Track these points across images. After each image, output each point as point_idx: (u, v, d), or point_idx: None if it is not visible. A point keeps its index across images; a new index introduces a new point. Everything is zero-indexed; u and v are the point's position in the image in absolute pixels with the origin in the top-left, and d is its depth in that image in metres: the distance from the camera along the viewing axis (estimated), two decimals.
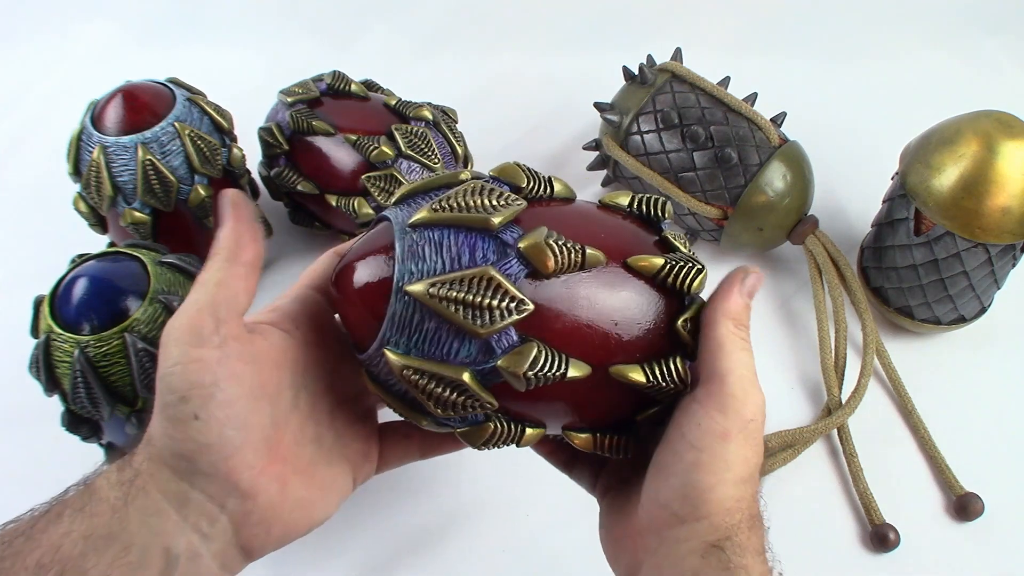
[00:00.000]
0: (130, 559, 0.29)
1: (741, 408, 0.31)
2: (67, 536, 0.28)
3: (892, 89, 0.79)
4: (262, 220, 0.63)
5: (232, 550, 0.31)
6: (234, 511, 0.30)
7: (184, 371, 0.29)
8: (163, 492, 0.30)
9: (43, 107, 0.80)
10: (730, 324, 0.32)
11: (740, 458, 0.31)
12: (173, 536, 0.29)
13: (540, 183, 0.33)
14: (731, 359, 0.31)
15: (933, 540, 0.51)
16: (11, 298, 0.54)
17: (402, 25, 0.85)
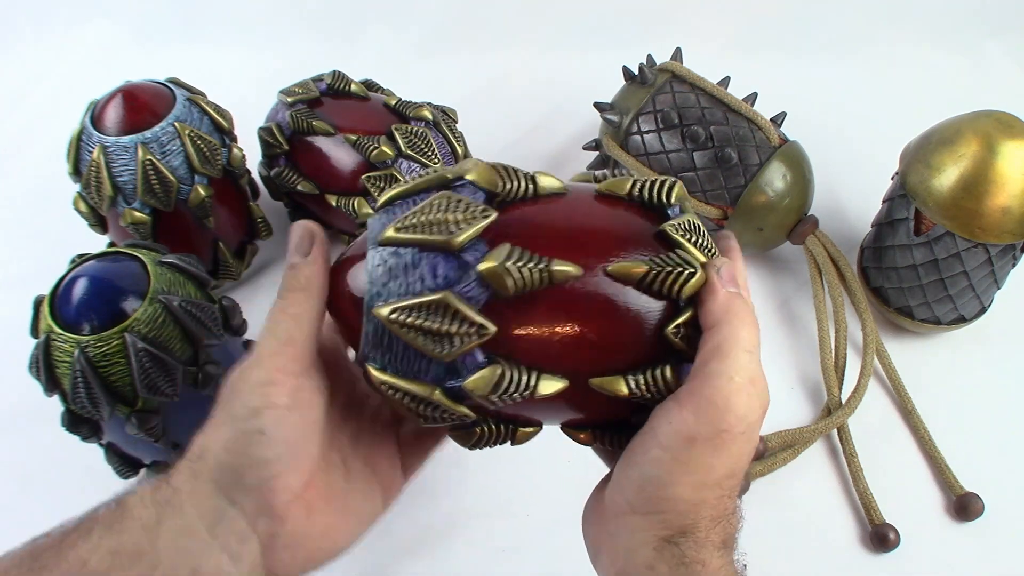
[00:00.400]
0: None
1: (717, 416, 0.29)
2: (95, 552, 0.29)
3: (892, 89, 0.79)
4: (262, 220, 0.63)
5: (260, 573, 0.31)
6: (263, 533, 0.31)
7: (265, 392, 0.30)
8: (199, 510, 0.30)
9: (43, 107, 0.80)
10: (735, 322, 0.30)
11: (703, 464, 0.29)
12: (202, 556, 0.30)
13: (519, 183, 0.31)
14: (723, 364, 0.29)
15: (933, 540, 0.51)
16: (11, 298, 0.54)
17: (402, 25, 0.85)
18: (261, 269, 0.66)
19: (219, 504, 0.30)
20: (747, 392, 0.29)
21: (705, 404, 0.29)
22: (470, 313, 0.28)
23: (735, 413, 0.29)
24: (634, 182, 0.32)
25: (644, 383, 0.30)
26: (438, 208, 0.29)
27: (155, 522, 0.30)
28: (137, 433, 0.45)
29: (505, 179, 0.30)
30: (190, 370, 0.46)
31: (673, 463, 0.29)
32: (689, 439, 0.29)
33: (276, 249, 0.67)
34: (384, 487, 0.36)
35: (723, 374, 0.29)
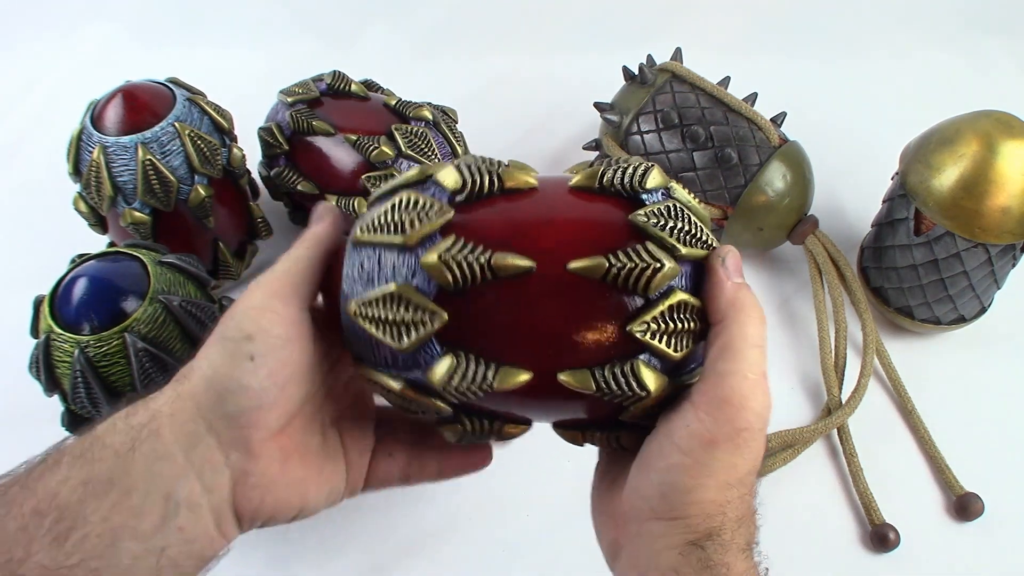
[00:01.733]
0: (131, 503, 0.28)
1: (735, 415, 0.29)
2: (65, 483, 0.28)
3: (892, 89, 0.79)
4: (262, 220, 0.63)
5: (227, 510, 0.31)
6: (236, 467, 0.31)
7: (260, 315, 0.30)
8: (176, 433, 0.30)
9: (43, 107, 0.80)
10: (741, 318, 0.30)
11: (726, 464, 0.29)
12: (176, 481, 0.29)
13: (482, 180, 0.30)
14: (734, 360, 0.29)
15: (933, 540, 0.51)
16: (11, 298, 0.54)
17: (402, 25, 0.85)
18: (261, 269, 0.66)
19: (197, 429, 0.30)
20: (761, 388, 0.29)
21: (722, 404, 0.28)
22: (423, 301, 0.29)
23: (753, 410, 0.29)
24: (603, 172, 0.31)
25: (613, 379, 0.29)
26: (400, 208, 0.30)
27: (129, 448, 0.29)
28: None
29: (469, 177, 0.31)
30: None
31: (696, 467, 0.29)
32: (710, 441, 0.29)
33: (276, 249, 0.66)
34: (348, 472, 0.36)
35: (736, 372, 0.29)
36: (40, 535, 0.28)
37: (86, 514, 0.28)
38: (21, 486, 0.29)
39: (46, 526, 0.28)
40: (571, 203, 0.31)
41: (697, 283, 0.31)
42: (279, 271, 0.33)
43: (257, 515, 0.32)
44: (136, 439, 0.29)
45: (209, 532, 0.30)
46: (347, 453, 0.36)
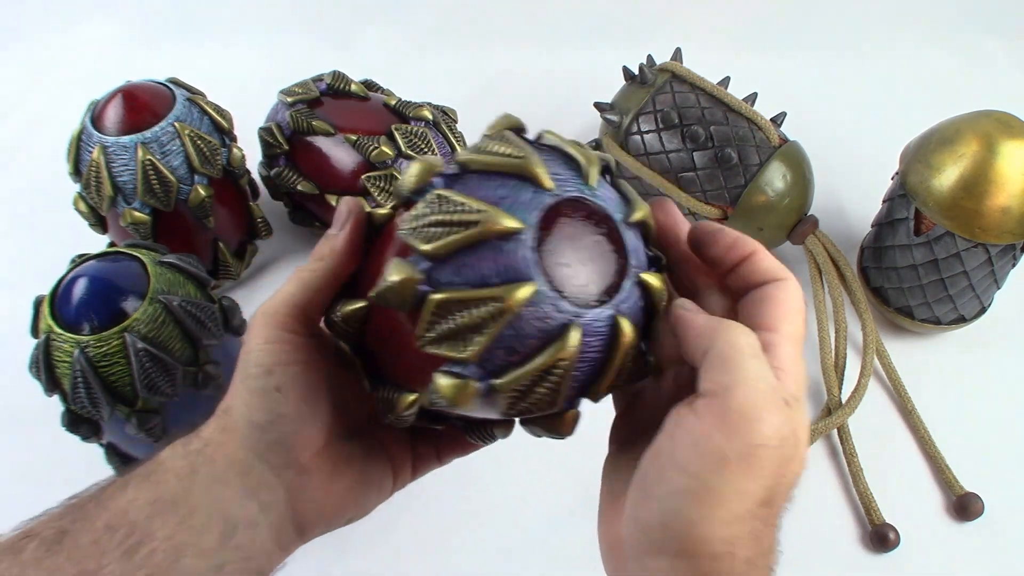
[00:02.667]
0: (193, 523, 0.30)
1: (749, 429, 0.25)
2: (134, 502, 0.30)
3: (892, 89, 0.79)
4: (262, 220, 0.63)
5: (287, 525, 0.33)
6: (290, 485, 0.32)
7: (272, 349, 0.31)
8: (229, 461, 0.31)
9: (43, 107, 0.80)
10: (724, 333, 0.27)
11: (737, 490, 0.25)
12: (233, 503, 0.31)
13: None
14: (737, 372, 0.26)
15: (933, 540, 0.51)
16: (11, 298, 0.54)
17: (402, 25, 0.85)
18: (261, 269, 0.66)
19: (247, 457, 0.32)
20: (772, 399, 0.26)
21: (733, 418, 0.25)
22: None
23: (771, 424, 0.25)
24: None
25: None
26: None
27: (189, 472, 0.31)
28: (137, 433, 0.45)
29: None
30: (190, 370, 0.46)
31: (704, 493, 0.25)
32: (720, 461, 0.25)
33: (276, 249, 0.67)
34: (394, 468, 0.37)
35: (743, 382, 0.26)
36: (111, 548, 0.29)
37: (153, 530, 0.30)
38: (96, 503, 0.31)
39: (117, 540, 0.29)
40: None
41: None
42: (283, 300, 0.32)
43: (315, 525, 0.34)
44: (195, 464, 0.31)
45: (267, 549, 0.32)
46: (388, 448, 0.37)
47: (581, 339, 0.26)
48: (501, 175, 0.27)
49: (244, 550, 0.31)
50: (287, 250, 0.67)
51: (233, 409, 0.32)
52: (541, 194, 0.27)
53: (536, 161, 0.27)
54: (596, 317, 0.27)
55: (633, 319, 0.28)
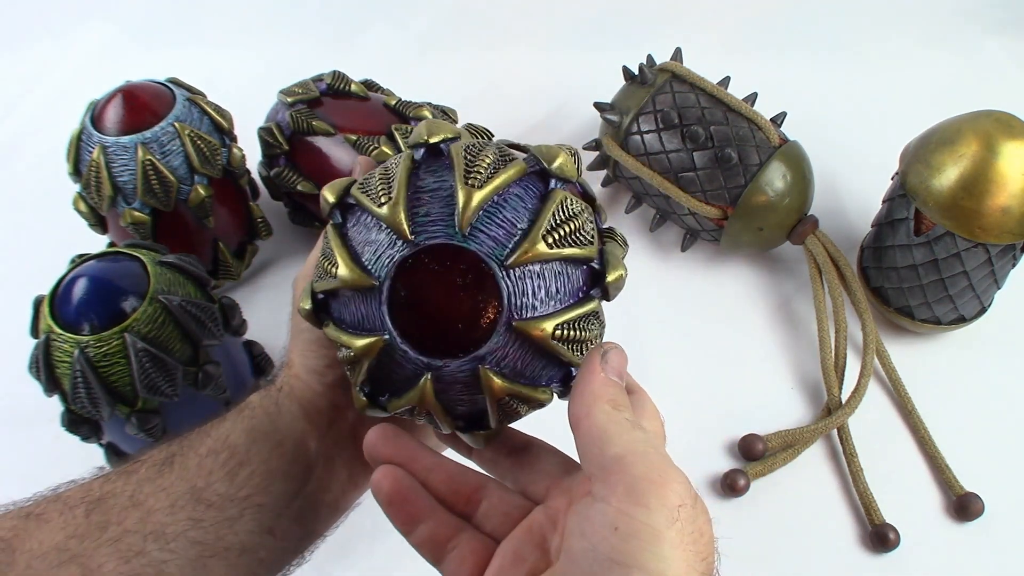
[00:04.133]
0: (283, 451, 0.34)
1: (661, 492, 0.23)
2: (232, 430, 0.34)
3: (892, 89, 0.79)
4: (262, 220, 0.63)
5: (358, 463, 0.36)
6: (354, 422, 0.36)
7: None
8: (301, 402, 0.35)
9: (43, 107, 0.80)
10: (605, 407, 0.26)
11: (681, 568, 0.23)
12: (312, 437, 0.35)
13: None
14: (622, 442, 0.25)
15: (933, 540, 0.51)
16: (11, 298, 0.54)
17: (402, 25, 0.85)
18: (261, 269, 0.66)
19: (315, 397, 0.36)
20: (667, 461, 0.25)
21: (641, 485, 0.24)
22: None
23: (680, 482, 0.24)
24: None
25: None
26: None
27: (275, 408, 0.35)
28: (137, 433, 0.46)
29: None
30: (190, 370, 0.46)
31: None
32: (652, 536, 0.23)
33: (276, 249, 0.67)
34: None
35: (635, 451, 0.25)
36: (216, 468, 0.33)
37: (251, 455, 0.33)
38: (199, 432, 0.34)
39: (220, 461, 0.33)
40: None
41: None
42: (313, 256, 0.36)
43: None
44: (279, 401, 0.35)
45: (342, 482, 0.36)
46: None
47: (434, 386, 0.28)
48: (377, 219, 0.28)
49: (324, 481, 0.35)
50: (287, 250, 0.67)
51: (294, 361, 0.36)
52: (399, 244, 0.27)
53: (395, 209, 0.27)
54: (457, 368, 0.27)
55: (513, 365, 0.27)
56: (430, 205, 0.27)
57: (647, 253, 0.66)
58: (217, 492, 0.32)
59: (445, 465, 0.31)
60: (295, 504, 0.34)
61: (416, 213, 0.27)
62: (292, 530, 0.34)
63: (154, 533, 0.31)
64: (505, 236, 0.27)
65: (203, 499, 0.32)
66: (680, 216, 0.62)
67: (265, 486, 0.33)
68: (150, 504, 0.31)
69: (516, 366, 0.28)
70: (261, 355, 0.56)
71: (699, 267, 0.65)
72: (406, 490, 0.30)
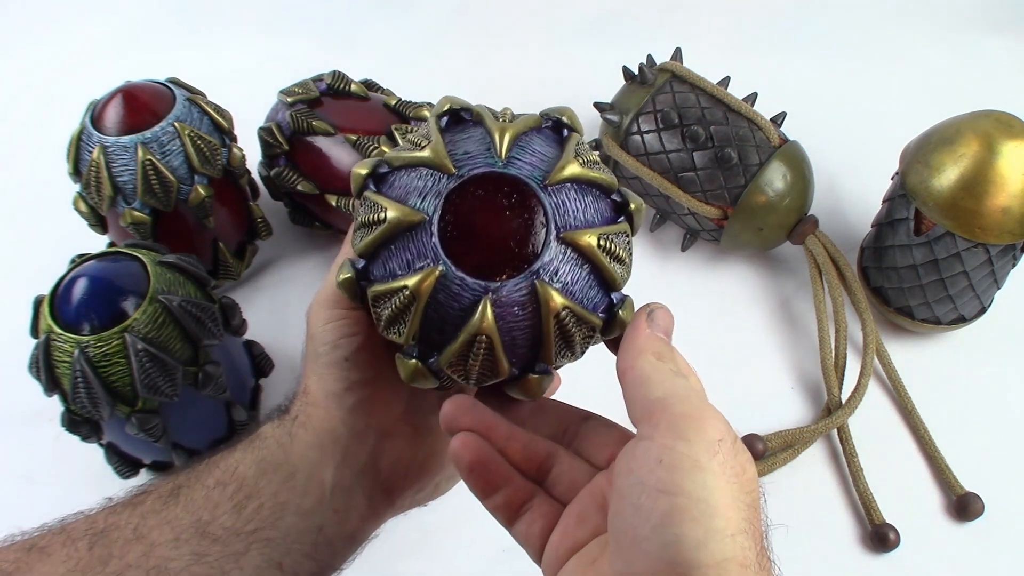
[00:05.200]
0: (295, 483, 0.33)
1: (702, 428, 0.25)
2: (241, 461, 0.33)
3: (892, 89, 0.79)
4: (262, 220, 0.63)
5: (379, 492, 0.35)
6: (374, 448, 0.35)
7: (333, 327, 0.33)
8: (318, 430, 0.34)
9: (43, 107, 0.80)
10: (650, 358, 0.27)
11: (726, 498, 0.24)
12: (328, 468, 0.34)
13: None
14: (664, 387, 0.26)
15: (933, 540, 0.51)
16: (11, 298, 0.54)
17: (402, 25, 0.85)
18: (261, 269, 0.66)
19: (333, 426, 0.34)
20: (705, 402, 0.26)
21: (682, 421, 0.25)
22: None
23: (718, 419, 0.26)
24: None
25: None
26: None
27: (288, 438, 0.34)
28: (137, 433, 0.46)
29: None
30: (190, 370, 0.46)
31: (692, 507, 0.23)
32: (694, 465, 0.24)
33: (276, 249, 0.67)
34: None
35: (674, 394, 0.26)
36: (223, 501, 0.32)
37: (260, 488, 0.33)
38: (206, 464, 0.34)
39: (228, 494, 0.32)
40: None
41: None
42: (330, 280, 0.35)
43: (403, 488, 0.36)
44: (292, 431, 0.34)
45: (362, 513, 0.35)
46: None
47: (493, 311, 0.28)
48: (418, 167, 0.29)
49: (340, 514, 0.34)
50: (287, 250, 0.67)
51: (311, 387, 0.35)
52: (444, 179, 0.28)
53: (437, 149, 0.29)
54: (514, 287, 0.28)
55: (565, 280, 0.28)
56: (466, 145, 0.29)
57: (647, 253, 0.66)
58: (223, 525, 0.32)
59: (519, 434, 0.32)
60: (307, 538, 0.33)
61: (454, 153, 0.29)
62: (303, 565, 0.33)
63: (156, 568, 0.30)
64: (540, 162, 0.29)
65: (208, 533, 0.31)
66: (680, 216, 0.62)
67: (274, 520, 0.32)
68: (153, 537, 0.31)
69: (567, 281, 0.29)
70: (261, 355, 0.56)
71: (699, 267, 0.65)
72: (486, 459, 0.31)
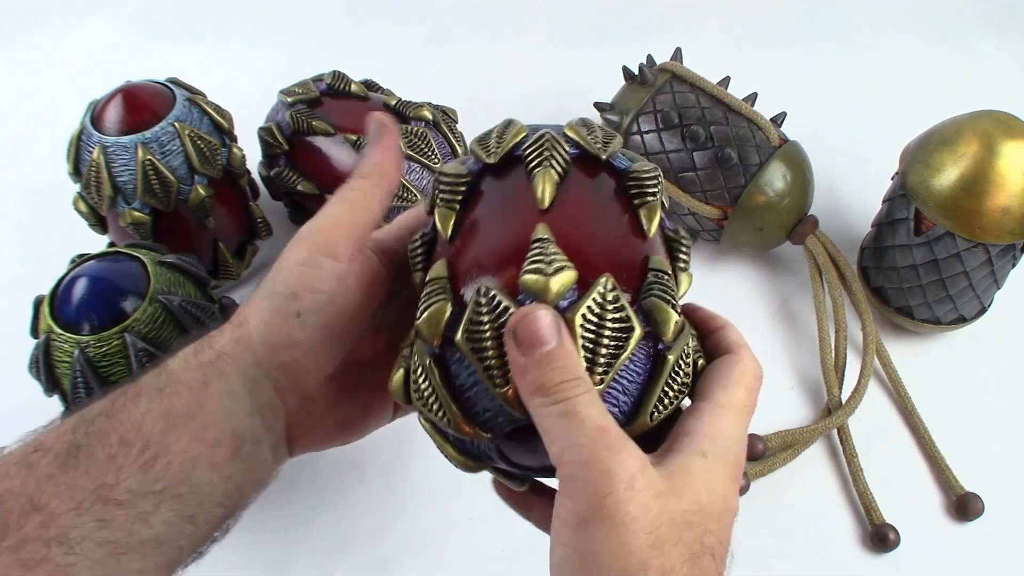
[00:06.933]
0: (207, 436, 0.31)
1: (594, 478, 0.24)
2: (147, 415, 0.30)
3: (892, 89, 0.79)
4: (262, 220, 0.63)
5: (282, 444, 0.34)
6: (292, 408, 0.33)
7: (304, 272, 0.31)
8: (241, 376, 0.32)
9: (43, 107, 0.80)
10: (536, 401, 0.26)
11: (606, 555, 0.24)
12: (243, 419, 0.32)
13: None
14: (553, 437, 0.25)
15: (933, 540, 0.51)
16: (11, 298, 0.54)
17: (402, 24, 0.85)
18: (261, 269, 0.66)
19: (257, 374, 0.32)
20: (615, 447, 0.25)
21: (577, 468, 0.25)
22: None
23: (624, 467, 0.25)
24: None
25: None
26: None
27: (202, 384, 0.31)
28: None
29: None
30: None
31: (578, 561, 0.25)
32: (578, 521, 0.24)
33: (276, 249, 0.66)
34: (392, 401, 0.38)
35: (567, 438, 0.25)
36: (128, 463, 0.30)
37: (168, 444, 0.30)
38: (107, 415, 0.31)
39: (133, 455, 0.30)
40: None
41: None
42: (328, 221, 0.32)
43: (305, 447, 0.35)
44: (207, 376, 0.31)
45: (266, 462, 0.33)
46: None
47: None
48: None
49: (249, 462, 0.32)
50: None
51: (250, 323, 0.32)
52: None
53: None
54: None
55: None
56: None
57: None
58: (129, 488, 0.29)
59: None
60: (218, 489, 0.31)
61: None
62: (214, 513, 0.32)
63: (57, 538, 0.28)
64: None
65: (112, 499, 0.29)
66: (680, 216, 0.62)
67: (185, 476, 0.30)
68: (53, 507, 0.28)
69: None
70: None
71: (699, 267, 0.65)
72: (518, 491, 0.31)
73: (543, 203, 0.29)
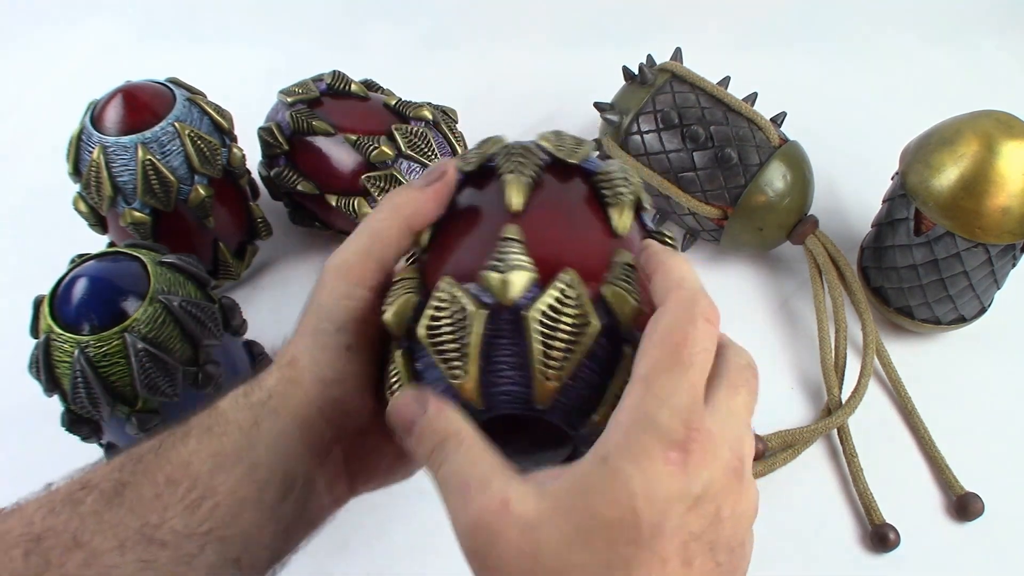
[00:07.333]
0: (256, 477, 0.30)
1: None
2: (196, 454, 0.30)
3: (892, 89, 0.79)
4: (262, 220, 0.63)
5: (341, 481, 0.33)
6: (348, 444, 0.33)
7: (347, 306, 0.31)
8: (293, 416, 0.31)
9: (43, 107, 0.80)
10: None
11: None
12: (295, 459, 0.31)
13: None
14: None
15: (933, 540, 0.51)
16: (11, 298, 0.54)
17: (402, 25, 0.85)
18: (261, 269, 0.66)
19: (310, 413, 0.31)
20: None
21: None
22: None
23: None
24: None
25: None
26: None
27: (252, 424, 0.31)
28: (137, 433, 0.45)
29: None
30: (190, 370, 0.46)
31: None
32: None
33: (276, 249, 0.67)
34: None
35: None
36: (174, 502, 0.29)
37: (215, 485, 0.29)
38: (155, 454, 0.30)
39: (179, 494, 0.29)
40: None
41: None
42: (359, 248, 0.32)
43: (366, 484, 0.35)
44: (258, 416, 0.31)
45: (322, 503, 0.33)
46: None
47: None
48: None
49: (301, 504, 0.32)
50: (287, 250, 0.67)
51: (299, 362, 0.31)
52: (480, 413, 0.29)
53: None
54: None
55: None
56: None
57: None
58: (173, 529, 0.29)
59: None
60: (266, 531, 0.31)
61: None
62: (261, 556, 0.31)
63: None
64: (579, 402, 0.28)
65: (156, 539, 0.29)
66: (680, 216, 0.62)
67: (231, 519, 0.30)
68: (95, 544, 0.28)
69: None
70: (261, 355, 0.56)
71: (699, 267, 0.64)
72: None
73: (512, 206, 0.30)
